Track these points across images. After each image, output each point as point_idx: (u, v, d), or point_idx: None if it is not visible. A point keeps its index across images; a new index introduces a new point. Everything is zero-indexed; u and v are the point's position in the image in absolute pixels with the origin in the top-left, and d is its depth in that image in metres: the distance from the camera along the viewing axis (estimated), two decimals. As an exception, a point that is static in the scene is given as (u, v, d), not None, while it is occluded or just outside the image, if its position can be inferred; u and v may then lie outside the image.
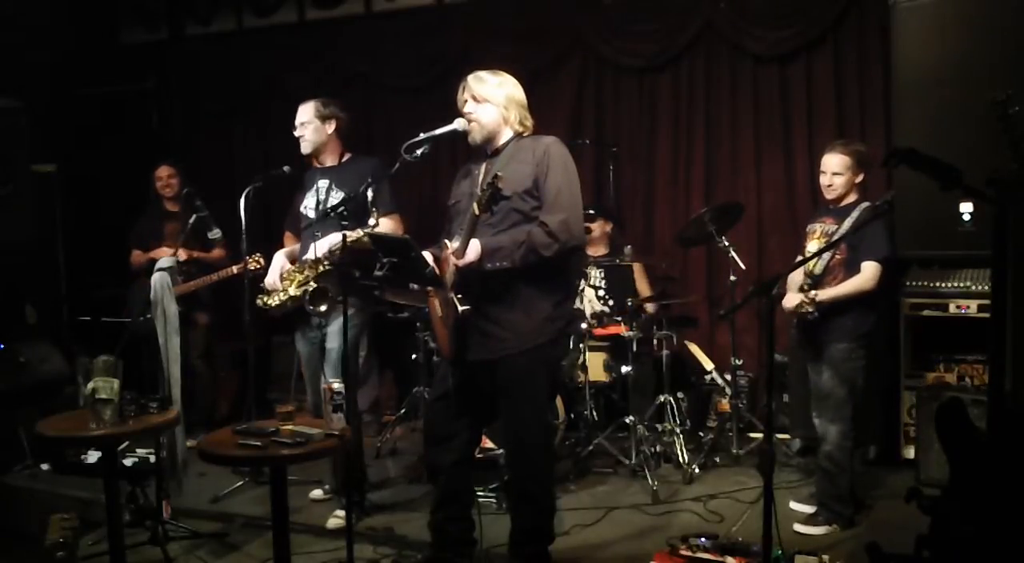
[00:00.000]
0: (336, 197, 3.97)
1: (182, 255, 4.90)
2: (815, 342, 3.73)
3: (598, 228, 5.32)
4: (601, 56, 5.73)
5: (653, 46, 5.54)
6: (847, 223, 3.67)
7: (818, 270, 3.73)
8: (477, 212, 3.03)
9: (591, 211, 5.27)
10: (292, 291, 3.91)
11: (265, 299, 4.01)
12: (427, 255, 3.27)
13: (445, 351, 3.32)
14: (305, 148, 4.08)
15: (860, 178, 3.72)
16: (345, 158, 4.13)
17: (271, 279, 4.00)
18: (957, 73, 3.28)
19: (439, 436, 3.38)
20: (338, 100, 4.16)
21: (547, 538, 3.34)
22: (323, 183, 4.05)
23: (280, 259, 4.06)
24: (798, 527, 3.71)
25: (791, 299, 3.69)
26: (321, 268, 3.87)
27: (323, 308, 3.83)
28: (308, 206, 4.08)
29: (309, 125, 4.03)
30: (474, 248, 3.05)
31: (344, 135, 4.14)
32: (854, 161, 3.70)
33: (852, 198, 3.77)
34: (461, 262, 3.05)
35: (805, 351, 3.81)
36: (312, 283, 3.86)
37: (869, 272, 3.61)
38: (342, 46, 6.22)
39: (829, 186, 3.77)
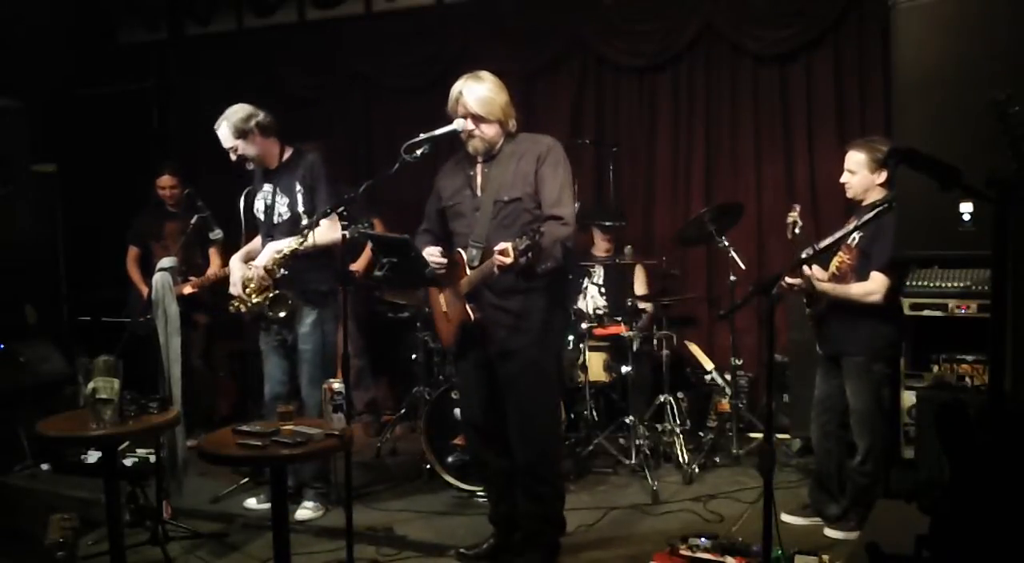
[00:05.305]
0: (281, 203, 3.98)
1: (188, 289, 5.01)
2: (832, 354, 3.66)
3: (603, 240, 5.35)
4: (601, 56, 5.73)
5: (653, 46, 5.55)
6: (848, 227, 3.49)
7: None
8: (509, 260, 2.96)
9: (607, 223, 5.26)
10: (255, 298, 3.92)
11: (236, 304, 4.00)
12: (433, 253, 3.30)
13: (445, 342, 3.43)
14: (252, 166, 4.05)
15: (881, 178, 3.57)
16: (286, 156, 4.06)
17: (234, 289, 4.00)
18: (957, 73, 3.26)
19: (482, 432, 3.43)
20: (247, 103, 4.01)
21: (559, 526, 3.40)
22: (268, 187, 4.05)
23: (236, 265, 4.07)
24: (829, 532, 3.67)
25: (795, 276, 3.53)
26: (278, 274, 3.86)
27: (282, 314, 3.91)
28: (259, 209, 4.09)
29: (235, 149, 3.97)
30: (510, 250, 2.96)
31: (275, 130, 4.03)
32: (869, 159, 3.58)
33: (874, 198, 3.60)
34: (508, 261, 2.95)
35: (825, 363, 3.74)
36: (271, 291, 3.88)
37: (873, 284, 3.49)
38: (342, 46, 6.23)
39: (845, 184, 3.69)
